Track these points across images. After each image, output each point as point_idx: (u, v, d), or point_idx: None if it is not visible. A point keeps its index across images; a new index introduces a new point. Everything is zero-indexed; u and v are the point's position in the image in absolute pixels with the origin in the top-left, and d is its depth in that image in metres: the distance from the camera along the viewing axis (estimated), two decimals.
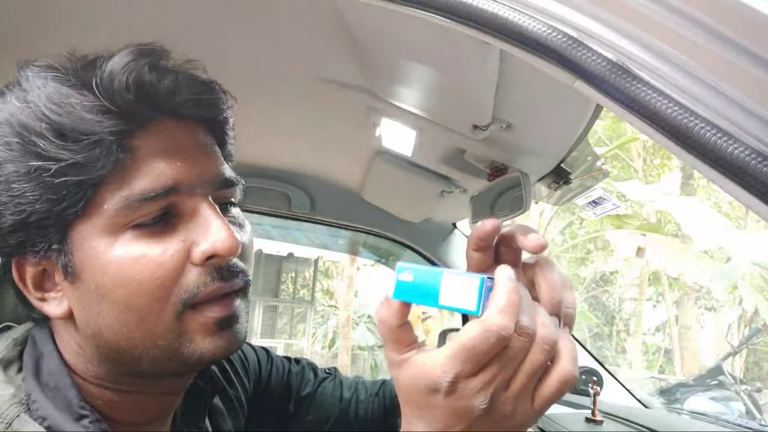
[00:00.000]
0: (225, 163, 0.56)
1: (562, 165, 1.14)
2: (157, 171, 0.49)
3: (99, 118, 0.47)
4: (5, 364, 0.51)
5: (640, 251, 7.41)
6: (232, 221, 0.55)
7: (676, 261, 7.14)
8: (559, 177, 1.16)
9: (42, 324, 0.54)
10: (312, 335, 10.19)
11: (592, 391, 1.34)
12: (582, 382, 1.50)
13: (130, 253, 0.48)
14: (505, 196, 1.19)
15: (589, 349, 1.80)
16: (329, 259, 10.43)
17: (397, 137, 1.19)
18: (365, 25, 0.78)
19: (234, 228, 0.52)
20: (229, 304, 0.52)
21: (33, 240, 0.49)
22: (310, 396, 0.84)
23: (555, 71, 0.41)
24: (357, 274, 9.17)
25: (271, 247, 8.08)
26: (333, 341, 10.19)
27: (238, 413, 0.73)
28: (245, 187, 0.59)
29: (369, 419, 0.85)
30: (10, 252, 0.50)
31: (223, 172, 0.54)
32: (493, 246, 0.47)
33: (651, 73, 0.37)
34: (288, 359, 0.87)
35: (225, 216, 0.53)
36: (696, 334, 9.56)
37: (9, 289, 0.54)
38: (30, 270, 0.51)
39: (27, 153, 0.46)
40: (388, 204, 1.67)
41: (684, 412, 2.64)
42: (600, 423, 1.34)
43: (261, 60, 1.01)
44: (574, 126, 0.96)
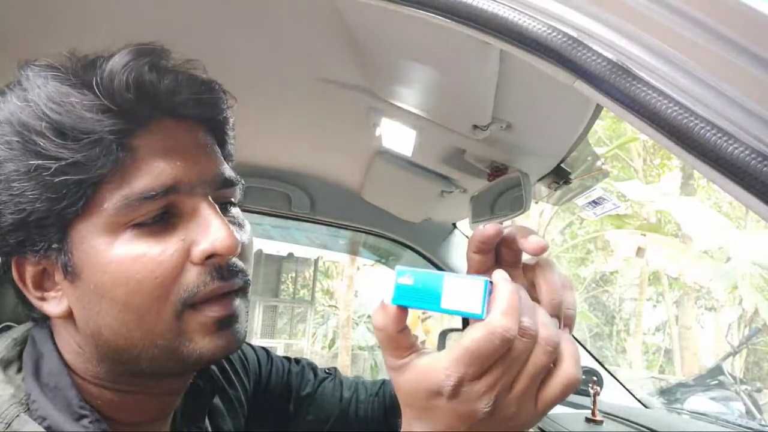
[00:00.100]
0: (225, 163, 0.56)
1: (562, 165, 1.13)
2: (157, 170, 0.49)
3: (99, 117, 0.47)
4: (5, 364, 0.51)
5: (640, 251, 7.42)
6: (231, 221, 0.55)
7: (676, 261, 7.14)
8: (559, 177, 1.16)
9: (42, 324, 0.54)
10: (312, 335, 10.18)
11: (592, 391, 1.34)
12: (582, 382, 1.49)
13: (129, 252, 0.48)
14: (505, 196, 1.19)
15: (589, 349, 1.80)
16: (329, 259, 10.42)
17: (397, 137, 1.19)
18: (365, 25, 0.78)
19: (234, 228, 0.52)
20: (229, 303, 0.52)
21: (33, 239, 0.49)
22: (310, 396, 0.84)
23: (555, 71, 0.41)
24: (357, 274, 9.17)
25: (271, 247, 8.08)
26: (333, 341, 10.19)
27: (238, 413, 0.73)
28: (245, 187, 0.59)
29: (369, 419, 0.85)
30: (9, 251, 0.50)
31: (223, 171, 0.54)
32: (494, 248, 0.47)
33: (651, 73, 0.37)
34: (288, 359, 0.87)
35: (225, 216, 0.53)
36: (696, 334, 9.56)
37: (9, 289, 0.54)
38: (30, 269, 0.51)
39: (27, 152, 0.46)
40: (388, 204, 1.66)
41: (684, 412, 2.64)
42: (600, 423, 1.34)
43: (261, 60, 1.01)
44: (574, 126, 0.96)
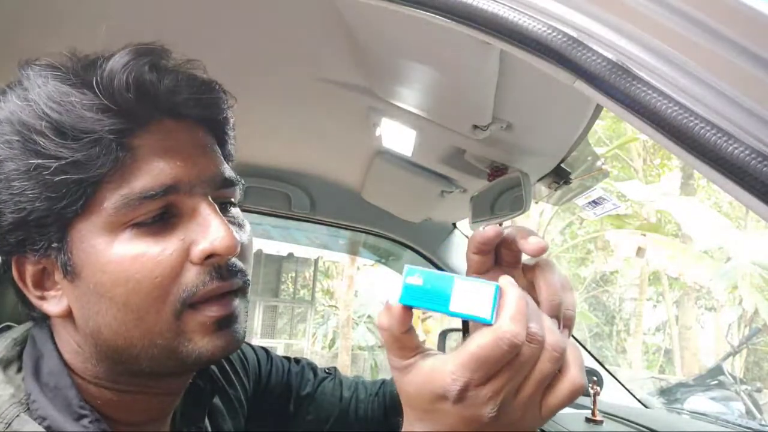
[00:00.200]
0: (225, 163, 0.56)
1: (562, 165, 1.13)
2: (157, 170, 0.49)
3: (99, 116, 0.47)
4: (5, 363, 0.51)
5: (640, 251, 7.42)
6: (231, 221, 0.55)
7: (676, 261, 7.14)
8: (559, 177, 1.16)
9: (41, 323, 0.54)
10: (312, 335, 10.19)
11: (592, 391, 1.34)
12: None
13: (129, 252, 0.48)
14: (505, 196, 1.19)
15: (589, 349, 1.80)
16: (329, 259, 10.42)
17: (397, 137, 1.19)
18: (365, 25, 0.78)
19: (233, 228, 0.52)
20: (228, 303, 0.52)
21: (33, 238, 0.49)
22: (309, 396, 0.84)
23: (555, 71, 0.41)
24: (357, 274, 9.17)
25: (271, 247, 8.07)
26: (333, 341, 10.19)
27: (237, 413, 0.73)
28: (245, 187, 0.59)
29: (369, 419, 0.85)
30: (10, 250, 0.50)
31: (223, 171, 0.54)
32: (494, 249, 0.47)
33: (651, 73, 0.37)
34: (288, 359, 0.87)
35: (225, 216, 0.53)
36: (696, 334, 9.56)
37: (9, 289, 0.54)
38: (30, 268, 0.51)
39: (27, 151, 0.46)
40: (388, 204, 1.66)
41: (684, 412, 2.64)
42: (600, 423, 1.34)
43: (261, 60, 1.01)
44: (574, 126, 0.96)
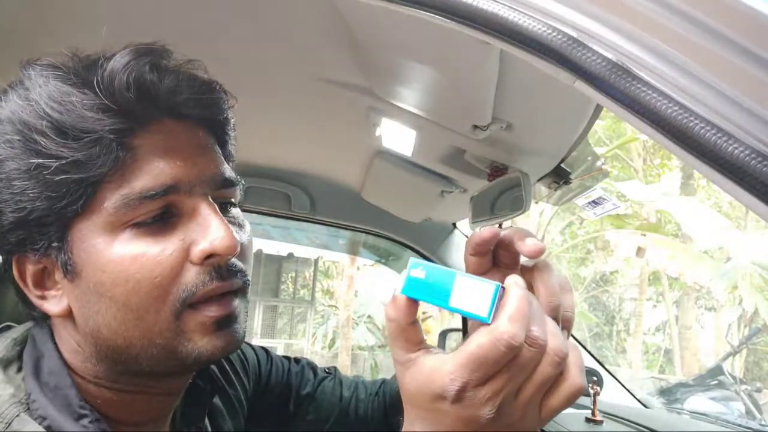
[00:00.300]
0: (225, 163, 0.56)
1: (562, 165, 1.13)
2: (157, 170, 0.49)
3: (99, 116, 0.47)
4: (5, 363, 0.51)
5: (640, 251, 7.42)
6: (231, 221, 0.55)
7: (676, 261, 7.15)
8: (559, 177, 1.16)
9: (42, 323, 0.54)
10: (312, 335, 10.19)
11: (592, 391, 1.34)
12: None
13: (128, 252, 0.48)
14: (505, 196, 1.19)
15: (589, 349, 1.80)
16: (329, 259, 10.43)
17: (397, 137, 1.19)
18: (365, 25, 0.78)
19: (233, 228, 0.52)
20: (228, 303, 0.52)
21: (33, 238, 0.49)
22: (309, 395, 0.84)
23: (555, 71, 0.41)
24: (357, 274, 9.17)
25: (271, 247, 8.07)
26: (333, 341, 10.19)
27: (237, 413, 0.73)
28: (245, 187, 0.59)
29: (369, 418, 0.85)
30: (10, 250, 0.51)
31: (223, 171, 0.54)
32: (491, 250, 0.47)
33: (651, 73, 0.37)
34: (287, 359, 0.87)
35: (225, 216, 0.53)
36: (696, 334, 9.56)
37: (9, 289, 0.54)
38: (30, 268, 0.51)
39: (28, 150, 0.46)
40: (388, 204, 1.66)
41: (684, 412, 2.64)
42: (600, 423, 1.34)
43: (261, 60, 1.01)
44: (574, 126, 0.96)
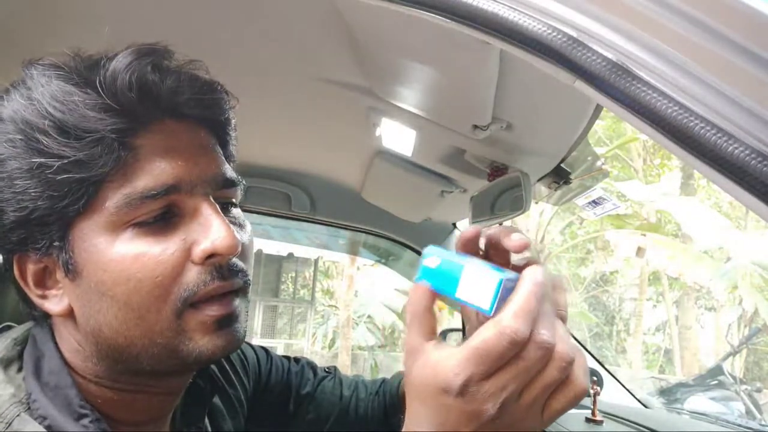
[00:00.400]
0: (226, 163, 0.56)
1: (562, 165, 1.13)
2: (158, 170, 0.49)
3: (101, 116, 0.47)
4: (5, 363, 0.51)
5: (640, 251, 7.42)
6: (232, 221, 0.55)
7: (676, 261, 7.14)
8: (559, 177, 1.16)
9: (42, 323, 0.54)
10: (312, 335, 10.19)
11: (592, 391, 1.34)
12: None
13: (130, 251, 0.48)
14: (505, 196, 1.19)
15: (589, 349, 1.80)
16: (329, 259, 10.43)
17: (397, 137, 1.19)
18: (365, 25, 0.78)
19: (234, 228, 0.52)
20: (229, 303, 0.52)
21: (35, 237, 0.49)
22: (309, 395, 0.84)
23: (555, 71, 0.41)
24: (357, 274, 9.17)
25: (271, 247, 8.07)
26: (333, 341, 10.19)
27: (237, 413, 0.73)
28: (245, 187, 0.59)
29: (369, 418, 0.85)
30: (11, 249, 0.51)
31: (224, 171, 0.55)
32: (481, 250, 0.48)
33: (651, 73, 0.37)
34: (287, 358, 0.87)
35: (226, 216, 0.53)
36: (696, 334, 9.56)
37: (9, 289, 0.54)
38: (31, 267, 0.51)
39: (30, 150, 0.47)
40: (388, 204, 1.66)
41: (684, 412, 2.64)
42: (600, 423, 1.34)
43: (261, 60, 1.01)
44: (574, 126, 0.96)
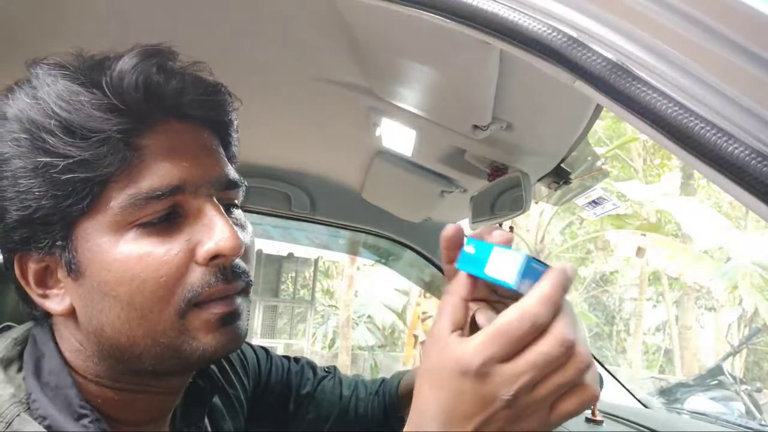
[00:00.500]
0: (229, 165, 0.57)
1: (562, 165, 1.13)
2: (163, 170, 0.49)
3: (108, 116, 0.47)
4: (5, 363, 0.51)
5: (640, 251, 7.42)
6: (234, 222, 0.55)
7: (676, 261, 7.15)
8: (559, 177, 1.16)
9: (42, 323, 0.54)
10: (312, 335, 10.19)
11: None
12: None
13: (134, 251, 0.48)
14: (505, 196, 1.19)
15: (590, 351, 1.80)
16: (329, 259, 10.43)
17: (397, 137, 1.19)
18: (365, 25, 0.78)
19: (237, 229, 0.52)
20: (232, 302, 0.52)
21: (37, 236, 0.49)
22: (309, 395, 0.84)
23: (555, 71, 0.41)
24: (357, 274, 9.17)
25: (271, 247, 8.08)
26: (333, 341, 10.20)
27: (237, 413, 0.73)
28: (246, 188, 0.59)
29: (369, 417, 0.85)
30: (13, 248, 0.51)
31: (228, 173, 0.55)
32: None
33: (651, 73, 0.37)
34: (287, 358, 0.87)
35: (228, 217, 0.53)
36: (696, 334, 9.57)
37: (9, 289, 0.54)
38: (32, 266, 0.51)
39: (35, 149, 0.47)
40: (388, 204, 1.66)
41: (684, 412, 2.64)
42: (600, 423, 1.34)
43: (261, 60, 1.01)
44: (574, 126, 0.96)
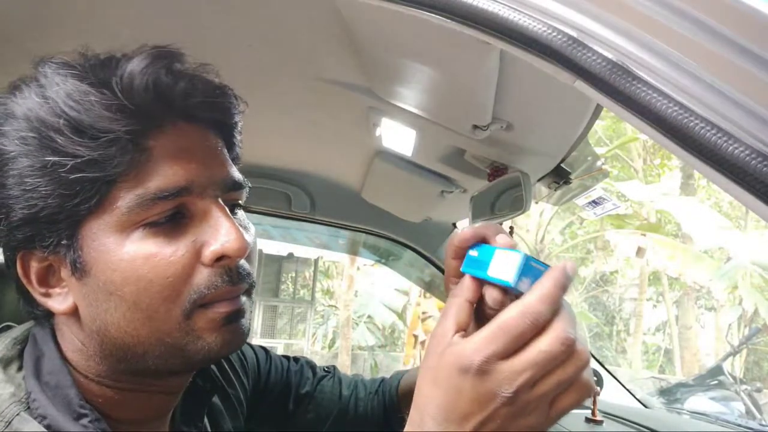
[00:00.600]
0: (233, 166, 0.57)
1: (562, 165, 1.13)
2: (171, 171, 0.49)
3: (117, 116, 0.47)
4: (5, 362, 0.51)
5: (640, 251, 7.42)
6: (238, 223, 0.55)
7: (676, 261, 7.14)
8: (559, 177, 1.16)
9: (43, 322, 0.54)
10: (312, 335, 10.19)
11: None
12: None
13: (141, 251, 0.48)
14: (505, 196, 1.19)
15: (589, 349, 1.80)
16: (329, 259, 10.43)
17: (397, 137, 1.19)
18: (365, 25, 0.78)
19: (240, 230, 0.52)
20: (237, 301, 0.53)
21: (42, 235, 0.49)
22: (309, 394, 0.84)
23: (555, 71, 0.41)
24: (357, 274, 9.17)
25: (271, 247, 8.08)
26: (333, 341, 10.20)
27: (237, 412, 0.73)
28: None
29: (369, 417, 0.86)
30: (16, 246, 0.51)
31: (233, 174, 0.55)
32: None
33: (651, 73, 0.37)
34: (287, 358, 0.88)
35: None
36: (696, 334, 9.57)
37: (9, 289, 0.54)
38: (35, 265, 0.51)
39: (43, 148, 0.47)
40: (388, 204, 1.66)
41: (684, 412, 2.64)
42: (600, 423, 1.34)
43: (261, 60, 1.01)
44: (574, 126, 0.96)
